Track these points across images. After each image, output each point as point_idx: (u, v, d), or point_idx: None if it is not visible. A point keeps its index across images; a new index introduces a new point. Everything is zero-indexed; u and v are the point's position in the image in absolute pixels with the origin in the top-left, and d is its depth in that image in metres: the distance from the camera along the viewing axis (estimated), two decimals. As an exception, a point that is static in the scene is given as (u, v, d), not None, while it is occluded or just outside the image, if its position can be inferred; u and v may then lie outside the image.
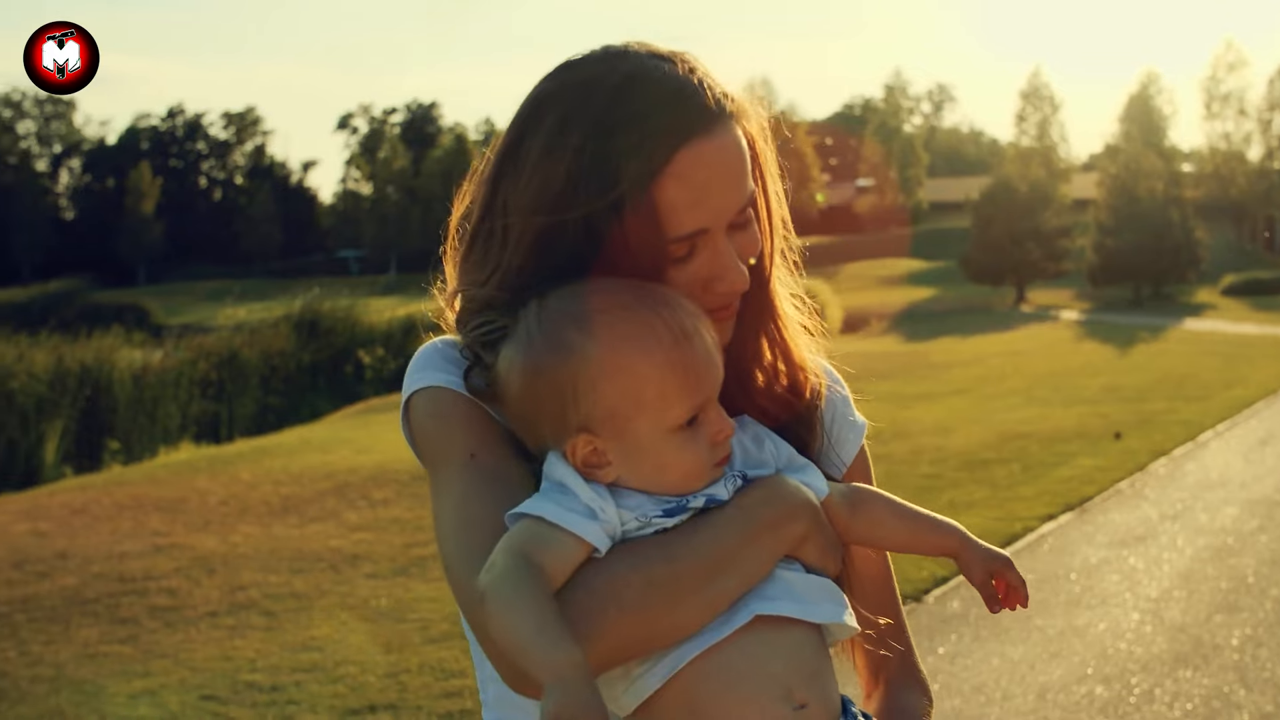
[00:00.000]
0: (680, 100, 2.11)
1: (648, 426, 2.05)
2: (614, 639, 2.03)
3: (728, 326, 2.24)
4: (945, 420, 21.17)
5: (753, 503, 2.12)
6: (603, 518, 2.05)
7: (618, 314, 2.05)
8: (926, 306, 66.89)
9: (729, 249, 2.16)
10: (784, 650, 2.06)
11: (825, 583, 2.15)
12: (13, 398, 22.23)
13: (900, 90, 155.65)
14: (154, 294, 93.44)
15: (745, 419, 2.23)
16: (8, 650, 9.57)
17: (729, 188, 2.14)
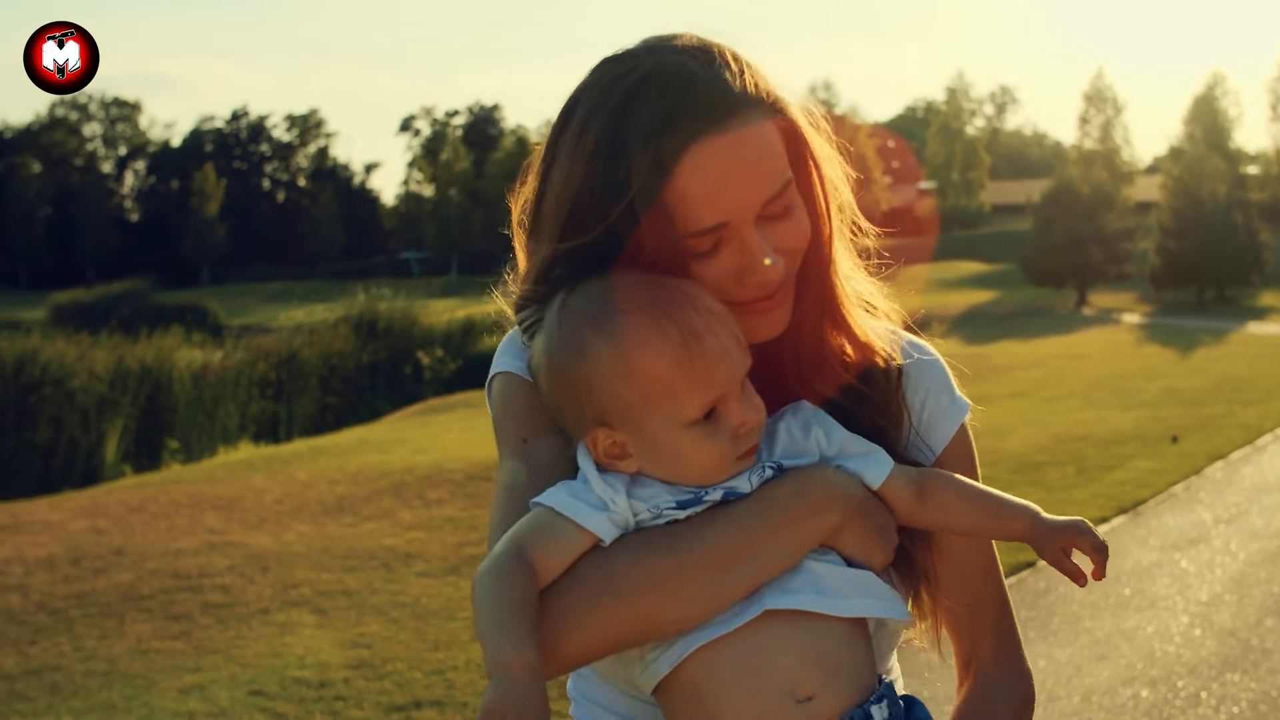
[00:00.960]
0: (691, 95, 2.13)
1: (661, 422, 2.10)
2: (609, 628, 2.08)
3: (776, 316, 2.26)
4: (1002, 422, 21.09)
5: (779, 494, 2.15)
6: (613, 509, 2.11)
7: (629, 313, 2.09)
8: (987, 309, 66.54)
9: (758, 241, 2.17)
10: (798, 643, 2.08)
11: (861, 575, 2.16)
12: (74, 397, 22.46)
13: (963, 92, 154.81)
14: (217, 295, 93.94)
15: (801, 405, 2.27)
16: (62, 645, 9.69)
17: (750, 180, 2.15)
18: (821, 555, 2.15)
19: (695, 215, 2.13)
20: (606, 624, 2.08)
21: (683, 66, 2.18)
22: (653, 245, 2.15)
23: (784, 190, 2.19)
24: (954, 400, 2.45)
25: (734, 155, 2.14)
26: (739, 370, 2.12)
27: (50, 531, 14.01)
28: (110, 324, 30.47)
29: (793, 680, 2.06)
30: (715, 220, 2.14)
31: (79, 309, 62.59)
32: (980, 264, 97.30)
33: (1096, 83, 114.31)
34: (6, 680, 8.93)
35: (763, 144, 2.17)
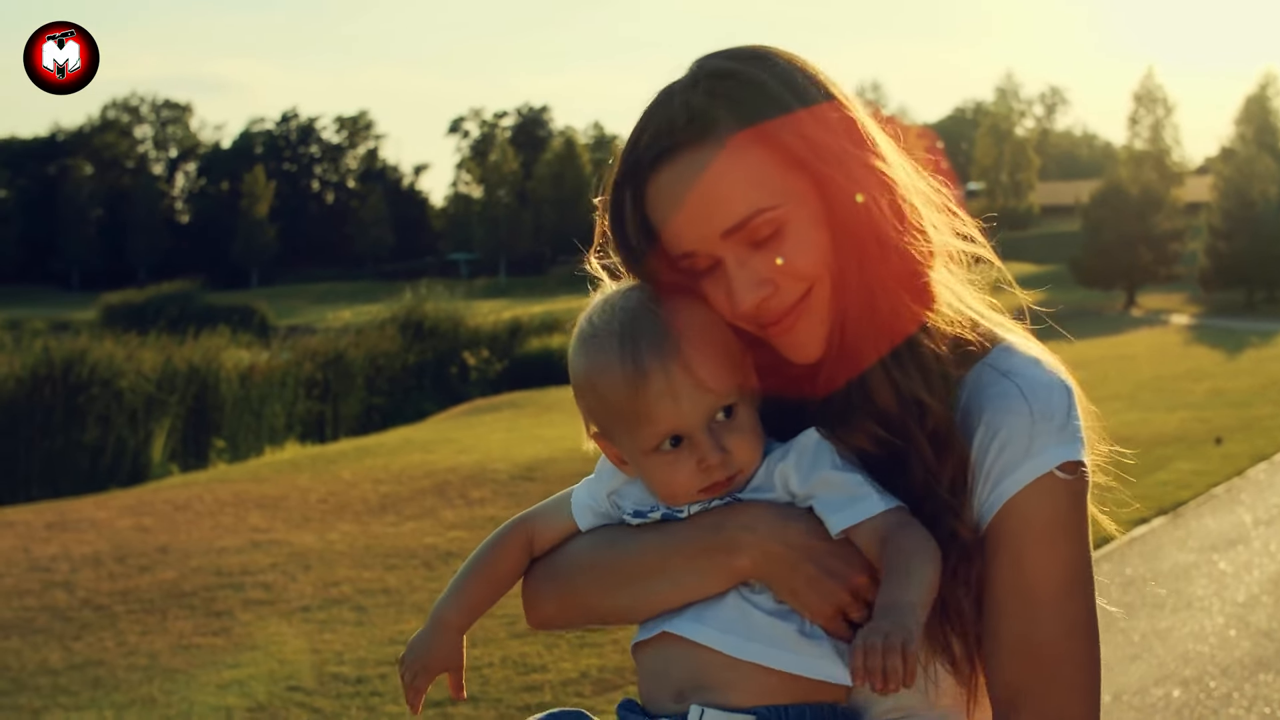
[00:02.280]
0: (644, 131, 2.23)
1: (627, 442, 2.26)
2: (566, 604, 2.42)
3: (797, 340, 2.25)
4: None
5: (695, 526, 2.27)
6: (599, 504, 2.40)
7: (603, 340, 2.24)
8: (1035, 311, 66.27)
9: (735, 270, 2.20)
10: (682, 661, 2.24)
11: (778, 625, 2.20)
12: (122, 397, 22.63)
13: (1012, 93, 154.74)
14: (266, 296, 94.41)
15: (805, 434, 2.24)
16: (106, 640, 9.82)
17: (700, 210, 2.19)
18: (753, 591, 2.24)
19: (669, 244, 2.23)
20: (566, 602, 2.42)
21: (665, 95, 2.24)
22: (661, 267, 2.26)
23: (752, 217, 2.17)
24: (1031, 450, 2.17)
25: (676, 188, 2.20)
26: (693, 409, 2.18)
27: (97, 529, 14.18)
28: (158, 325, 30.61)
29: (678, 690, 2.24)
30: (682, 249, 2.22)
31: (130, 310, 62.97)
32: (1029, 265, 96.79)
33: (1147, 83, 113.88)
34: (50, 674, 9.06)
35: (715, 171, 2.17)
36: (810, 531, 2.20)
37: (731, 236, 2.18)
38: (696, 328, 2.21)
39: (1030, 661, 2.15)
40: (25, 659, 9.41)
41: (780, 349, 2.27)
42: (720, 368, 2.20)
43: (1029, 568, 2.16)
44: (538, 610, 2.48)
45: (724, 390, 2.20)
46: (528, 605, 2.49)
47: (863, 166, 2.22)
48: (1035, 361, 2.30)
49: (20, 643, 9.81)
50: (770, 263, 2.19)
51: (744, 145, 2.17)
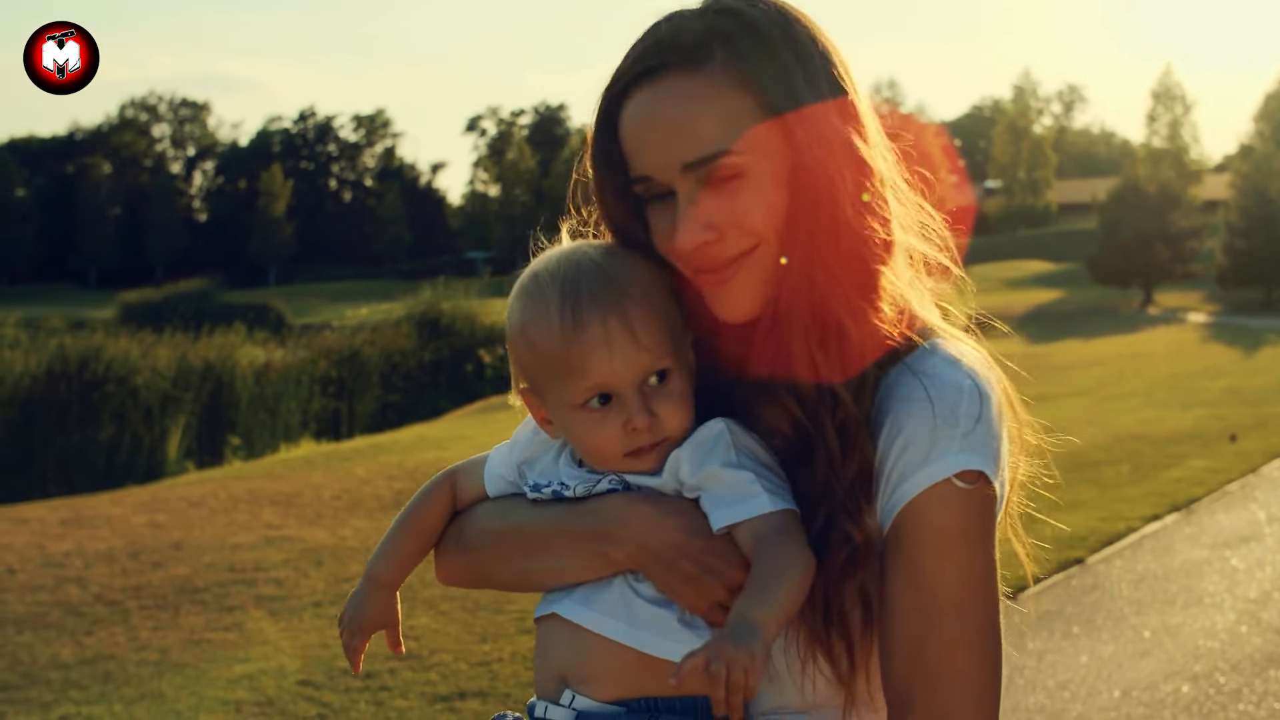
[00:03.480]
0: (639, 49, 2.22)
1: (555, 396, 2.25)
2: (465, 567, 2.48)
3: (728, 297, 2.21)
4: (1060, 421, 20.65)
5: (578, 512, 2.29)
6: (508, 473, 2.43)
7: (542, 287, 2.24)
8: (1052, 308, 66.14)
9: (685, 205, 2.16)
10: (564, 644, 2.28)
11: (659, 613, 2.22)
12: (137, 394, 22.68)
13: (1030, 91, 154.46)
14: (284, 294, 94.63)
15: (711, 422, 2.22)
16: (118, 635, 9.85)
17: (667, 137, 2.16)
18: (636, 579, 2.25)
19: (631, 163, 2.23)
20: (462, 565, 2.48)
21: (668, 17, 2.22)
22: (613, 197, 2.29)
23: (717, 156, 2.13)
24: (931, 454, 2.10)
25: (656, 109, 2.17)
26: (626, 367, 2.17)
27: (111, 526, 14.22)
28: (174, 323, 30.64)
29: (562, 670, 2.27)
30: (640, 171, 2.21)
31: (147, 308, 63.02)
32: (1046, 263, 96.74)
33: (1165, 80, 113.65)
34: (62, 669, 9.09)
35: (696, 102, 2.14)
36: (689, 528, 2.18)
37: (691, 171, 2.15)
38: (641, 288, 2.21)
39: (919, 668, 2.10)
40: (37, 653, 9.44)
41: (711, 302, 2.22)
42: (659, 331, 2.19)
43: (923, 575, 2.10)
44: (444, 569, 2.52)
45: (660, 353, 2.19)
46: (437, 562, 2.53)
47: (843, 143, 2.17)
48: (953, 363, 2.19)
49: (33, 637, 9.84)
50: (722, 208, 2.15)
51: (727, 84, 2.14)
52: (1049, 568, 11.27)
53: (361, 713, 8.07)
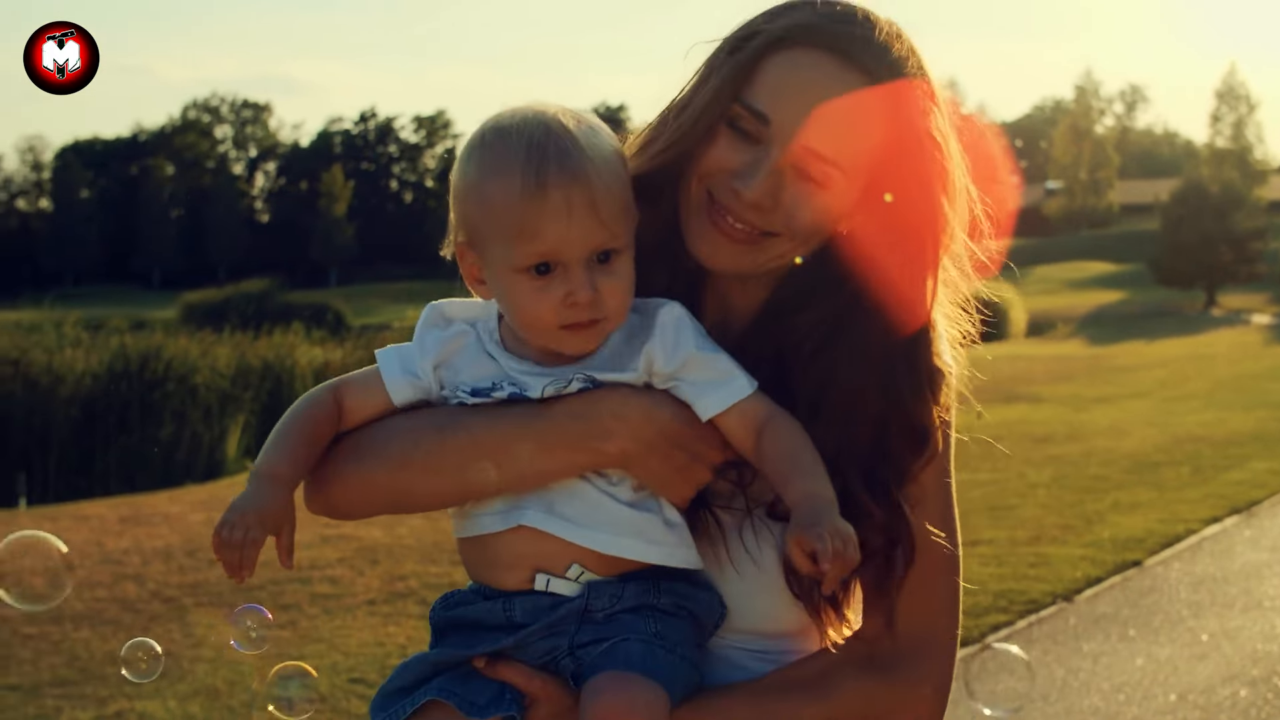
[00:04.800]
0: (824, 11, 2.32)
1: (499, 256, 2.20)
2: (370, 489, 2.35)
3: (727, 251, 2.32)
4: (1121, 422, 20.90)
5: (556, 411, 2.24)
6: (421, 378, 2.31)
7: (507, 143, 2.20)
8: (1114, 310, 65.79)
9: (768, 168, 2.25)
10: (538, 553, 2.24)
11: (639, 517, 2.24)
12: (196, 393, 22.76)
13: (1091, 90, 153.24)
14: (344, 295, 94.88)
15: (665, 305, 2.29)
16: (173, 632, 9.90)
17: (806, 110, 2.24)
18: (609, 483, 2.24)
19: (753, 96, 2.27)
20: (368, 485, 2.34)
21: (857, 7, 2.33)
22: (706, 100, 2.31)
23: (830, 159, 2.24)
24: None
25: (820, 84, 2.24)
26: (580, 238, 2.16)
27: (169, 524, 14.31)
28: (233, 322, 30.74)
29: (533, 568, 2.25)
30: (759, 108, 2.26)
31: (209, 308, 63.30)
32: (1108, 264, 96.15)
33: (1229, 80, 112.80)
34: (118, 665, 9.11)
35: (851, 115, 2.25)
36: (677, 417, 2.23)
37: (801, 151, 2.24)
38: (605, 161, 2.20)
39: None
40: (94, 649, 9.51)
41: (706, 239, 2.31)
42: (618, 209, 2.19)
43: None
44: (330, 492, 2.38)
45: (615, 231, 2.19)
46: (316, 486, 2.38)
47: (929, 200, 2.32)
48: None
49: (90, 633, 9.91)
50: (794, 197, 2.26)
51: (875, 112, 2.25)
52: (1106, 569, 11.19)
53: (413, 710, 8.09)
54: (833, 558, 1.97)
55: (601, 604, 2.22)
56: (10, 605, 2.41)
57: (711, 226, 2.30)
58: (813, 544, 1.98)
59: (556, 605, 2.23)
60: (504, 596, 2.27)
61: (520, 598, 2.25)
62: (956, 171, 2.35)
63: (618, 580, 2.23)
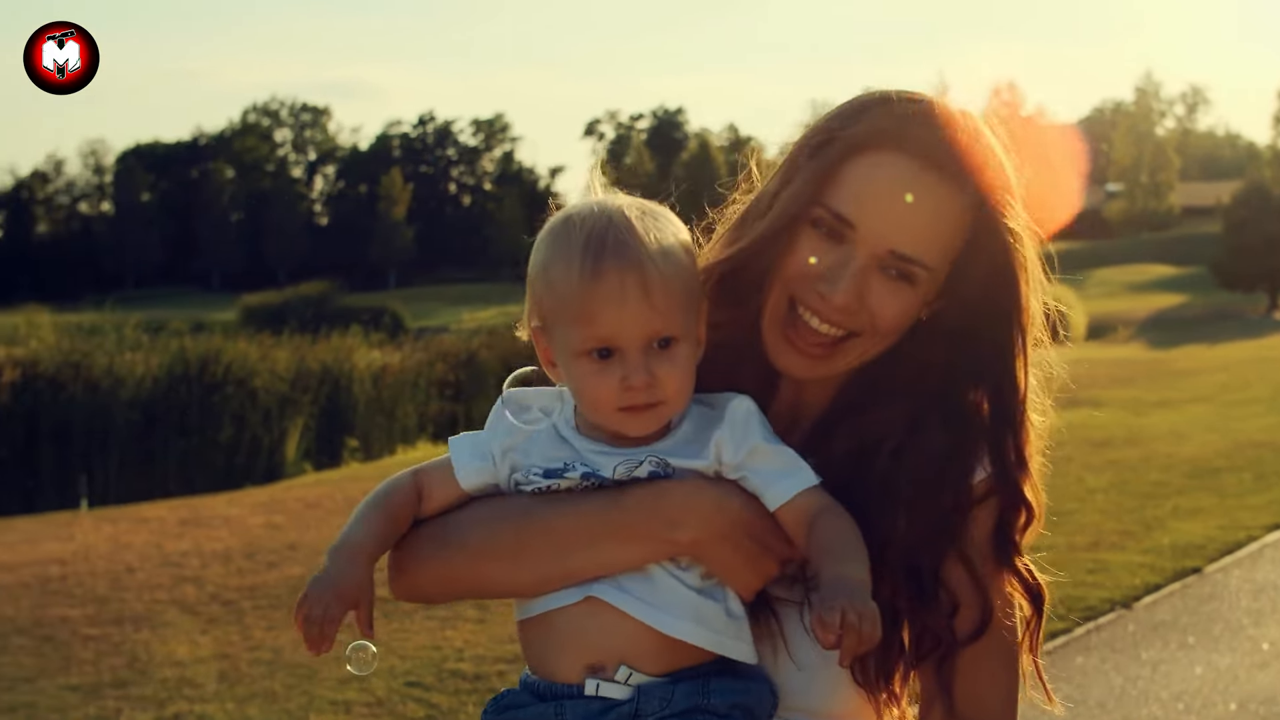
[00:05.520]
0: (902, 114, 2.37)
1: (561, 339, 2.28)
2: (448, 577, 2.41)
3: (816, 361, 2.39)
4: (1181, 427, 20.76)
5: (631, 500, 2.28)
6: (492, 463, 2.36)
7: (560, 232, 2.30)
8: (1174, 313, 65.32)
9: (857, 274, 2.31)
10: (602, 631, 2.26)
11: (704, 603, 2.27)
12: (256, 396, 22.90)
13: (1152, 92, 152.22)
14: (403, 298, 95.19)
15: (736, 398, 2.34)
16: (232, 635, 9.96)
17: (895, 215, 2.31)
18: (679, 567, 2.28)
19: (836, 201, 2.32)
20: (448, 573, 2.40)
21: (935, 104, 2.38)
22: (786, 203, 2.36)
23: (918, 262, 2.31)
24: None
25: (904, 187, 2.30)
26: (634, 324, 2.22)
27: (229, 526, 14.40)
28: (292, 325, 30.90)
29: (598, 658, 2.25)
30: (841, 213, 2.32)
31: (268, 311, 63.66)
32: (1169, 267, 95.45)
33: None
34: (177, 666, 9.21)
35: (940, 218, 2.32)
36: (747, 507, 2.27)
37: (887, 256, 2.31)
38: (664, 251, 2.25)
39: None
40: (153, 651, 9.57)
41: (785, 350, 2.39)
42: (674, 297, 2.24)
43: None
44: (410, 578, 2.45)
45: (670, 318, 2.24)
46: (398, 570, 2.45)
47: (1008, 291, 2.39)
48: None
49: (149, 635, 9.98)
50: (880, 298, 2.32)
51: (961, 214, 2.33)
52: (1166, 576, 11.11)
53: (470, 715, 8.12)
54: (846, 630, 2.01)
55: (652, 707, 2.23)
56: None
57: (788, 344, 2.38)
58: (828, 613, 2.02)
59: (607, 710, 2.25)
60: (556, 700, 2.29)
61: (571, 702, 2.27)
62: (1033, 259, 2.41)
63: (668, 682, 2.25)
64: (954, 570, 2.34)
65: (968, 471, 2.37)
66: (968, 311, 2.37)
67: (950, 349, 2.39)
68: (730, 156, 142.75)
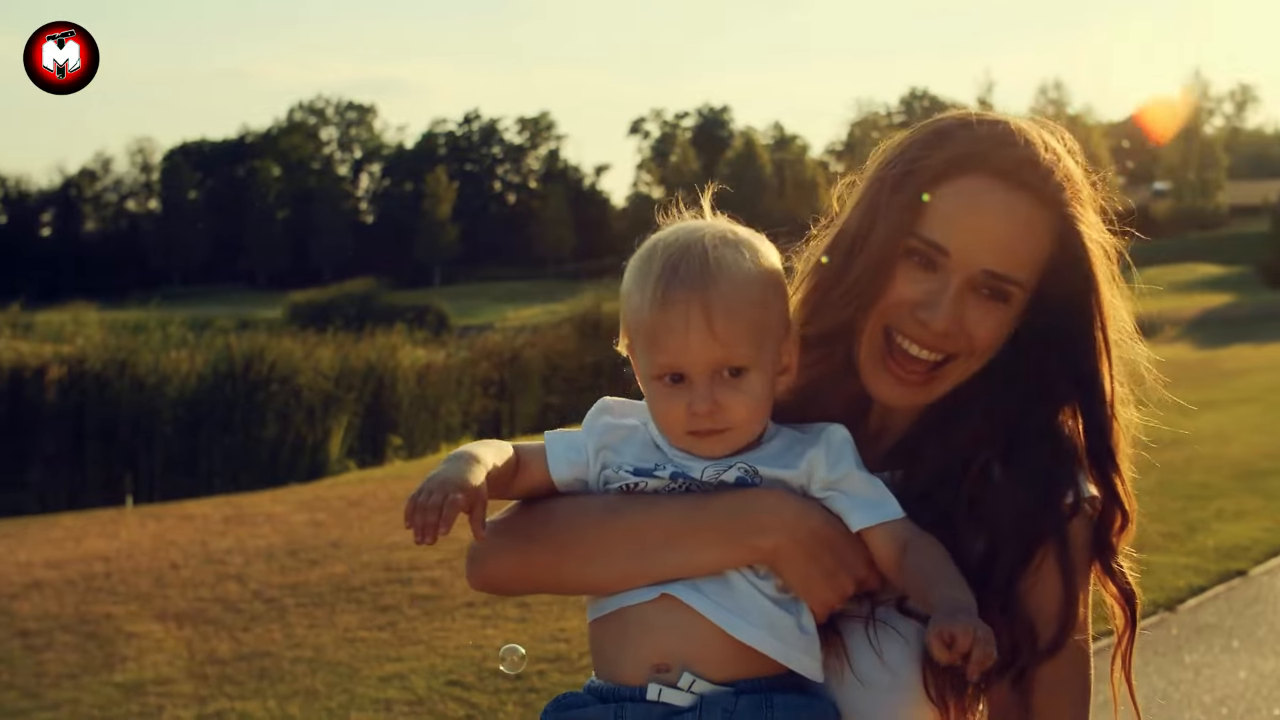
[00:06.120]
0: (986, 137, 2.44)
1: (640, 361, 2.35)
2: (527, 569, 2.43)
3: (913, 388, 2.44)
4: (1227, 428, 20.59)
5: (716, 504, 2.31)
6: (587, 459, 2.41)
7: (644, 258, 2.36)
8: (1222, 313, 64.82)
9: (954, 298, 2.36)
10: (672, 631, 2.27)
11: (777, 614, 2.29)
12: (300, 393, 22.99)
13: (1200, 90, 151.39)
14: (448, 296, 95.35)
15: (832, 428, 2.38)
16: (274, 632, 10.00)
17: (986, 236, 2.36)
18: (757, 576, 2.30)
19: (929, 228, 2.37)
20: (528, 566, 2.42)
21: (1012, 127, 2.43)
22: (886, 233, 2.40)
23: (1011, 280, 2.37)
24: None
25: (993, 208, 2.36)
26: (698, 354, 2.27)
27: (272, 524, 14.46)
28: (336, 323, 31.02)
29: (667, 653, 2.26)
30: (934, 240, 2.37)
31: (314, 309, 63.76)
32: (1217, 266, 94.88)
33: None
34: (218, 664, 9.25)
35: (1031, 235, 2.38)
36: (829, 522, 2.30)
37: (982, 275, 2.36)
38: (736, 282, 2.28)
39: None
40: (195, 648, 9.62)
41: (880, 385, 2.45)
42: (741, 329, 2.27)
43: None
44: (488, 568, 2.46)
45: (736, 349, 2.27)
46: (477, 560, 2.47)
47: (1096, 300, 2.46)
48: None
49: (192, 632, 10.03)
50: (976, 319, 2.38)
51: (1051, 229, 2.39)
52: (1210, 579, 11.05)
53: (509, 714, 8.13)
54: (971, 647, 2.03)
55: (714, 718, 2.24)
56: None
57: (887, 373, 2.43)
58: (953, 631, 2.03)
59: (668, 717, 2.25)
60: (617, 703, 2.29)
61: (633, 705, 2.27)
62: (1110, 263, 2.48)
63: (731, 694, 2.26)
64: (1041, 581, 2.36)
65: (1062, 481, 2.40)
66: (1052, 321, 2.42)
67: (1036, 359, 2.44)
68: (776, 155, 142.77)
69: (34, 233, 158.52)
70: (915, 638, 2.31)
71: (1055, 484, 2.39)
